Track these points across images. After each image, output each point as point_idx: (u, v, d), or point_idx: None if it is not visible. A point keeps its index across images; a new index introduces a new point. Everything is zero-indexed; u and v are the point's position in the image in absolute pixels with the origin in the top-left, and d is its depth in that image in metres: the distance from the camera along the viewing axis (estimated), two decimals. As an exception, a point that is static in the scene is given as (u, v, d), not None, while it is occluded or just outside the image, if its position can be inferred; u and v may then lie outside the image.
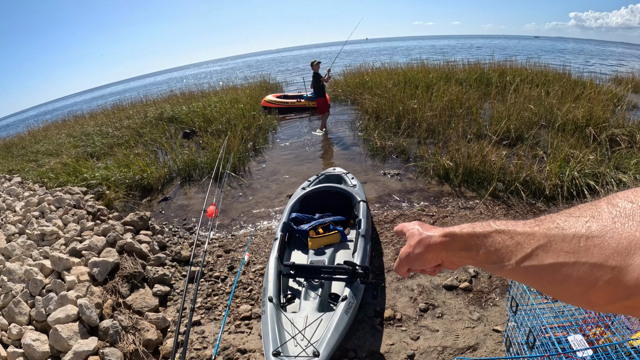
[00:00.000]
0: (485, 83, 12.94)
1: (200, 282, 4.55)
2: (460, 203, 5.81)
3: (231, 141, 8.81)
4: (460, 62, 16.74)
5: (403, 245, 0.81)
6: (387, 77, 14.42)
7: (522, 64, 15.90)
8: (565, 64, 14.88)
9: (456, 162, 6.57)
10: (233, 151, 8.38)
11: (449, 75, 13.86)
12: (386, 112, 10.17)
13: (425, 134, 8.75)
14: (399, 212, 5.67)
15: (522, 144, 7.31)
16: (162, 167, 8.36)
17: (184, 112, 13.41)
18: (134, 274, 4.35)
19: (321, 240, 4.30)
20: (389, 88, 12.19)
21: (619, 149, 6.49)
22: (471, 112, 9.57)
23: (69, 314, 3.47)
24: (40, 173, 9.09)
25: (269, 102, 14.09)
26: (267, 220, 6.00)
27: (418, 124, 9.12)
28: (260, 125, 11.15)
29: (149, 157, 9.05)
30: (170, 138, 10.89)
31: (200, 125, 11.58)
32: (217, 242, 5.51)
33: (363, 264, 3.65)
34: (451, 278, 4.07)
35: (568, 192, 5.48)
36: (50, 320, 3.43)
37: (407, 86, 12.29)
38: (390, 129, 9.42)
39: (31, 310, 3.69)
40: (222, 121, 11.24)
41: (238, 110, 12.18)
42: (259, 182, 7.54)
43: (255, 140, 10.00)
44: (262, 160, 8.91)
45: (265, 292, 3.40)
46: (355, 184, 5.43)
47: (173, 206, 6.98)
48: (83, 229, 5.40)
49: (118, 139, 11.68)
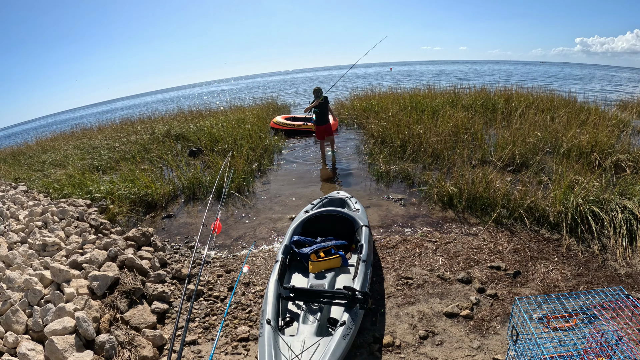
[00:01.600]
0: (491, 108, 13.02)
1: (199, 302, 4.54)
2: (463, 229, 5.80)
3: (236, 161, 8.86)
4: (466, 87, 16.87)
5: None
6: (394, 102, 14.53)
7: (528, 90, 16.02)
8: (570, 90, 14.98)
9: (460, 188, 6.58)
10: (238, 171, 8.43)
11: (455, 101, 13.95)
12: (392, 137, 10.24)
13: (430, 159, 8.77)
14: (402, 238, 5.67)
15: (526, 170, 7.31)
16: (167, 184, 8.41)
17: (191, 130, 13.53)
18: (134, 290, 4.34)
19: (322, 264, 4.29)
20: (395, 112, 12.29)
21: (624, 175, 6.47)
22: (476, 138, 9.62)
23: (66, 326, 3.46)
24: (45, 183, 9.15)
25: (277, 123, 14.23)
26: (269, 242, 6.00)
27: (423, 149, 9.16)
28: (266, 146, 11.22)
29: (154, 173, 9.11)
30: (176, 155, 10.97)
31: (206, 144, 11.67)
32: (218, 261, 5.50)
33: (363, 289, 3.64)
34: (452, 305, 4.04)
35: (572, 219, 5.45)
36: (47, 331, 3.42)
37: (413, 111, 12.39)
38: (396, 153, 9.46)
39: (28, 319, 3.68)
40: (228, 141, 11.33)
41: (245, 131, 12.27)
42: (262, 203, 7.56)
43: (260, 161, 10.06)
44: (266, 181, 8.95)
45: (263, 314, 3.39)
46: (359, 208, 5.45)
47: (176, 224, 6.99)
48: (85, 241, 5.42)
49: (125, 153, 11.77)
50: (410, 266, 4.89)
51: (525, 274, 4.57)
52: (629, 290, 4.19)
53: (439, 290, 4.37)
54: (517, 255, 4.96)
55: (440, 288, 4.41)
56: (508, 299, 4.13)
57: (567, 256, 4.91)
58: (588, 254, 4.94)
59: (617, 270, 4.59)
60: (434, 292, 4.35)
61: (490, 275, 4.56)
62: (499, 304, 4.07)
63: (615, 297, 2.63)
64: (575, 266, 4.70)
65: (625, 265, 4.67)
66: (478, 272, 4.63)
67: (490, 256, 4.99)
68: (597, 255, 4.88)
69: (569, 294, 2.85)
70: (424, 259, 5.03)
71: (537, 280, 4.45)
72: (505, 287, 4.34)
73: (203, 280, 4.94)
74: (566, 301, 2.73)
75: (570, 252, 4.99)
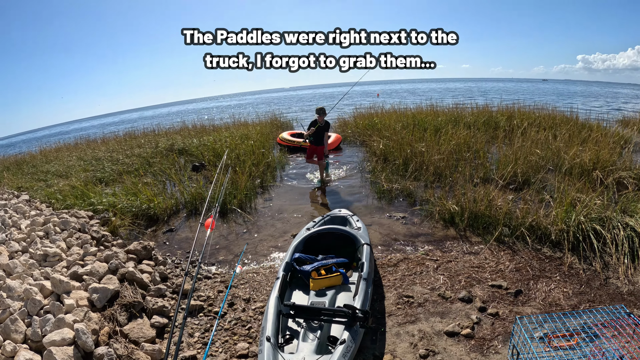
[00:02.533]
0: (493, 127, 13.07)
1: (199, 317, 4.53)
2: (465, 248, 5.79)
3: (239, 177, 8.88)
4: (469, 105, 16.95)
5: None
6: (396, 119, 14.61)
7: (529, 107, 16.12)
8: (572, 107, 15.03)
9: (462, 206, 6.58)
10: (240, 187, 8.44)
11: (457, 119, 14.02)
12: (394, 155, 10.27)
13: (432, 177, 8.78)
14: (403, 256, 5.66)
15: (528, 189, 7.30)
16: (170, 198, 8.42)
17: (194, 145, 13.59)
18: (133, 304, 4.33)
19: (323, 282, 4.29)
20: (397, 130, 12.35)
21: (626, 192, 6.46)
22: (478, 156, 9.64)
23: (65, 337, 3.45)
24: (48, 193, 9.18)
25: (282, 140, 14.33)
26: (270, 259, 5.99)
27: (425, 167, 9.17)
28: (268, 162, 11.25)
29: (157, 187, 9.13)
30: (179, 170, 11.00)
31: (209, 159, 11.71)
32: (218, 277, 5.49)
33: (364, 307, 3.63)
34: (453, 324, 4.02)
35: (574, 237, 5.43)
36: (46, 342, 3.41)
37: (415, 129, 12.44)
38: (398, 171, 9.47)
39: (27, 329, 3.67)
40: (231, 157, 11.36)
41: (248, 147, 12.32)
42: (264, 220, 7.56)
43: (263, 178, 10.07)
44: (269, 197, 8.96)
45: (263, 331, 3.38)
46: (360, 227, 5.45)
47: (177, 238, 6.99)
48: (86, 253, 5.42)
49: (128, 166, 11.81)
50: (411, 285, 4.87)
51: (526, 293, 4.55)
52: (631, 308, 4.17)
53: (440, 309, 4.35)
54: (519, 274, 4.94)
55: (441, 307, 4.39)
56: (509, 317, 4.11)
57: (569, 274, 4.89)
58: (590, 272, 4.92)
59: (619, 288, 4.57)
60: (435, 310, 4.33)
61: (491, 294, 4.54)
62: (500, 323, 4.04)
63: (616, 316, 2.62)
64: (577, 284, 4.68)
65: (627, 283, 4.65)
66: (479, 291, 4.62)
67: (492, 275, 4.97)
68: (599, 273, 4.87)
69: (570, 312, 2.84)
70: (425, 278, 5.01)
71: (539, 299, 4.43)
72: (507, 306, 4.32)
73: (203, 296, 4.93)
74: (567, 320, 2.72)
75: (572, 271, 4.97)
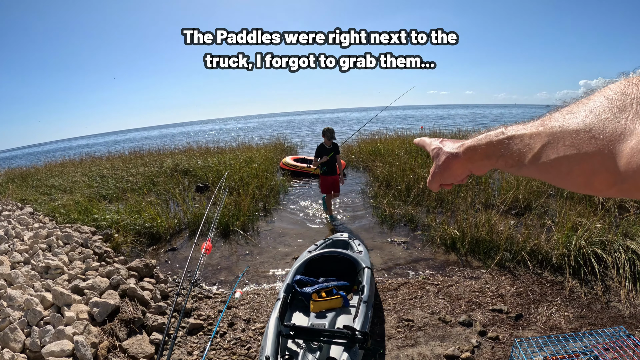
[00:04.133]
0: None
1: (198, 336, 4.52)
2: (466, 272, 5.78)
3: (242, 199, 8.93)
4: (472, 130, 17.07)
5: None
6: (399, 145, 14.72)
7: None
8: None
9: (463, 231, 6.60)
10: (243, 210, 8.48)
11: (460, 145, 14.06)
12: (397, 180, 10.34)
13: (434, 202, 8.81)
14: (404, 280, 5.65)
15: (530, 213, 7.32)
16: (173, 217, 8.46)
17: (198, 167, 13.71)
18: (133, 319, 4.34)
19: (323, 304, 4.28)
20: (400, 156, 12.44)
21: (627, 216, 6.47)
22: (480, 182, 9.69)
23: (64, 348, 3.46)
24: (52, 207, 9.24)
25: (286, 164, 14.42)
26: (271, 281, 5.99)
27: (427, 192, 9.22)
28: (272, 185, 11.31)
29: (160, 206, 9.18)
30: (183, 190, 11.07)
31: (213, 180, 11.78)
32: (219, 297, 5.48)
33: (363, 329, 3.63)
34: (453, 348, 4.00)
35: (575, 261, 5.43)
36: (44, 352, 3.41)
37: (419, 155, 12.53)
38: (400, 196, 9.51)
39: (26, 339, 3.68)
40: (235, 179, 11.44)
41: (252, 170, 12.40)
42: (266, 242, 7.57)
43: (266, 201, 10.11)
44: (271, 220, 8.98)
45: (262, 351, 3.37)
46: (362, 250, 5.46)
47: (179, 257, 7.00)
48: (88, 268, 5.44)
49: (132, 184, 11.90)
50: (412, 308, 4.86)
51: (527, 317, 4.54)
52: (632, 330, 4.14)
53: (440, 332, 4.34)
54: (520, 298, 4.93)
55: (441, 331, 4.37)
56: (509, 341, 4.08)
57: (570, 298, 4.88)
58: (591, 296, 4.90)
59: (620, 311, 4.55)
60: (435, 334, 4.31)
61: (492, 318, 4.53)
62: (500, 346, 4.02)
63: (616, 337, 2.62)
64: (578, 308, 4.66)
65: (629, 305, 4.64)
66: (480, 315, 4.60)
67: (493, 299, 4.96)
68: (600, 297, 4.85)
69: (570, 335, 2.84)
70: (425, 302, 5.00)
71: (540, 323, 4.41)
72: (507, 330, 4.30)
73: (203, 315, 4.93)
74: (567, 343, 2.72)
75: (573, 294, 4.96)
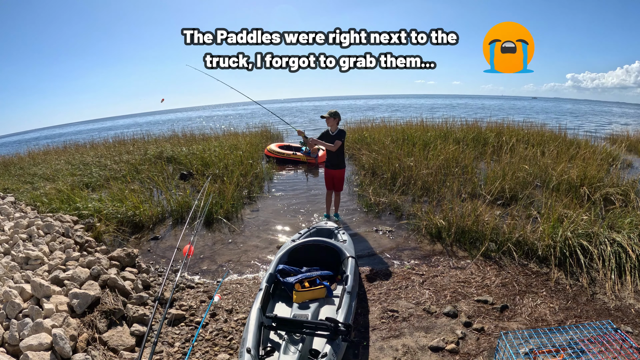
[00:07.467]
0: (482, 142, 13.23)
1: (180, 327, 4.46)
2: (451, 262, 5.79)
3: (226, 187, 8.83)
4: (458, 121, 17.13)
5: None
6: (386, 134, 14.69)
7: (518, 124, 16.43)
8: (561, 124, 15.21)
9: (449, 221, 6.60)
10: (227, 197, 8.39)
11: (446, 134, 14.16)
12: (382, 169, 10.33)
13: (420, 192, 8.81)
14: (389, 270, 5.64)
15: (516, 204, 7.36)
16: (156, 206, 8.33)
17: (183, 154, 13.52)
18: (114, 311, 4.25)
19: (306, 295, 4.24)
20: (386, 145, 12.41)
21: (613, 208, 6.54)
22: (467, 171, 9.71)
23: (42, 342, 3.37)
24: (34, 196, 9.05)
25: (270, 151, 14.29)
26: (254, 270, 5.93)
27: (413, 181, 9.22)
28: (257, 173, 11.22)
29: (143, 194, 9.02)
30: (167, 178, 10.91)
31: (197, 168, 11.65)
32: (201, 286, 5.41)
33: (347, 321, 3.59)
34: (437, 339, 3.99)
35: (561, 253, 5.46)
36: (22, 346, 3.33)
37: (405, 143, 12.51)
38: (386, 185, 9.50)
39: (5, 332, 3.58)
40: (219, 166, 11.31)
41: (237, 157, 12.28)
42: (250, 231, 7.50)
43: (250, 188, 10.02)
44: (255, 208, 8.89)
45: (244, 343, 3.32)
46: (346, 239, 5.43)
47: (162, 246, 6.90)
48: (68, 258, 5.32)
49: (115, 172, 11.70)
50: (396, 299, 4.84)
51: (512, 308, 4.55)
52: (617, 323, 4.18)
53: (425, 323, 4.33)
54: (505, 289, 4.95)
55: (426, 321, 4.36)
56: (495, 333, 4.09)
57: (555, 290, 4.91)
58: (577, 288, 4.94)
59: (606, 304, 4.59)
60: (420, 325, 4.30)
61: (477, 309, 4.53)
62: (486, 338, 4.03)
63: (603, 331, 2.62)
64: (563, 300, 4.69)
65: (614, 298, 4.68)
66: (465, 306, 4.60)
67: (478, 290, 4.97)
68: (586, 289, 4.89)
69: (556, 328, 2.83)
70: (410, 292, 4.99)
71: (525, 315, 4.43)
72: (492, 321, 4.31)
73: (185, 305, 4.86)
74: (553, 336, 2.71)
75: (559, 286, 4.99)
